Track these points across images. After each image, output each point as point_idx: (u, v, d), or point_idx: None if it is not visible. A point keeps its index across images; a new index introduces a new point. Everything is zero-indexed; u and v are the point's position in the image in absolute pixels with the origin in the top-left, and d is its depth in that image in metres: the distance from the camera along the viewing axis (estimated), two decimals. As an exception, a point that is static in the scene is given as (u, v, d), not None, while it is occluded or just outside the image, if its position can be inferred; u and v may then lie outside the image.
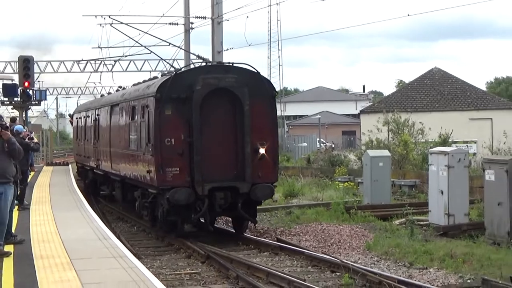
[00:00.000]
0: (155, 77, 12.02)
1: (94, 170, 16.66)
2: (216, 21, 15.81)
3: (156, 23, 18.59)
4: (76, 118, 20.65)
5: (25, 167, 10.39)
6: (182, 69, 9.96)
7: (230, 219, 11.63)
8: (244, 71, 10.26)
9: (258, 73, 10.39)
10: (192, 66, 15.54)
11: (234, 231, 11.02)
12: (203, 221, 10.22)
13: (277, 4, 27.73)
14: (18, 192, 8.62)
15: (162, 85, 9.50)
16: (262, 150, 9.78)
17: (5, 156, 6.21)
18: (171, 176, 9.28)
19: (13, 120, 12.94)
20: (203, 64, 10.17)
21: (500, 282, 6.54)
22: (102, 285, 4.60)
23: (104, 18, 17.32)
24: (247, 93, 9.62)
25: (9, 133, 6.54)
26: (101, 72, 28.16)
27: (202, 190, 9.21)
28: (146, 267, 5.88)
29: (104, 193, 15.94)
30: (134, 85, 14.22)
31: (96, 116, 15.93)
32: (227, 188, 9.57)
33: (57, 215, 10.05)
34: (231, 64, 10.40)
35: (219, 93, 9.63)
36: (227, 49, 16.69)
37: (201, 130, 9.39)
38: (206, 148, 9.48)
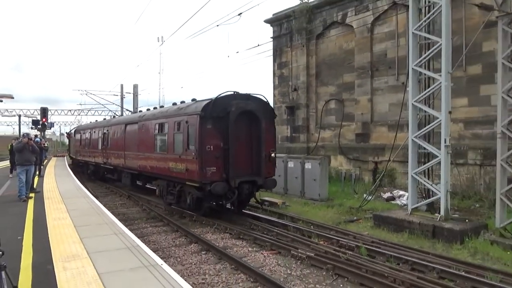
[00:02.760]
0: (194, 100, 14.15)
1: (101, 165, 22.95)
2: (134, 95, 39.11)
3: (107, 94, 44.19)
4: (79, 133, 29.77)
5: (42, 158, 20.32)
6: (220, 96, 12.35)
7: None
8: (259, 99, 13.12)
9: (267, 102, 13.36)
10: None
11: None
12: (230, 207, 13.39)
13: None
14: (38, 169, 17.15)
15: (205, 107, 11.90)
16: (273, 155, 13.18)
17: (30, 152, 12.48)
18: (210, 173, 11.84)
19: (35, 136, 22.46)
20: (231, 93, 12.86)
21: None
22: (78, 210, 10.41)
23: (84, 91, 39.03)
24: (263, 114, 12.69)
25: (32, 141, 12.90)
26: (81, 115, 56.52)
27: (234, 183, 11.98)
28: (101, 203, 11.79)
29: (112, 177, 22.62)
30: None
31: (106, 131, 21.87)
32: (249, 181, 12.48)
33: (57, 179, 18.15)
34: (250, 94, 13.23)
35: (244, 114, 12.37)
36: (141, 107, 36.63)
37: (233, 140, 12.07)
38: (236, 152, 12.10)
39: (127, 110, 36.97)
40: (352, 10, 20.72)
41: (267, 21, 25.73)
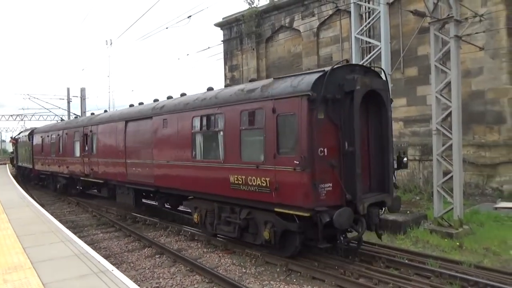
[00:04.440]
0: (253, 80, 10.24)
1: (81, 178, 16.97)
2: (82, 98, 37.26)
3: (51, 98, 42.23)
4: (40, 136, 22.75)
5: None
6: (335, 67, 7.60)
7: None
8: (378, 74, 8.60)
9: (387, 80, 8.71)
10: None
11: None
12: (344, 244, 7.90)
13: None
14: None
15: (317, 82, 7.16)
16: (405, 159, 8.87)
17: None
18: (325, 193, 7.18)
19: None
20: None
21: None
22: (21, 219, 9.87)
23: (27, 95, 37.02)
24: (387, 97, 8.24)
25: None
26: (24, 121, 52.96)
27: (363, 208, 7.44)
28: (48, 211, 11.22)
29: (98, 194, 17.35)
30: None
31: (88, 132, 16.12)
32: (377, 204, 8.10)
33: None
34: (368, 66, 9.22)
35: (368, 96, 7.75)
36: (89, 111, 34.35)
37: (358, 138, 7.47)
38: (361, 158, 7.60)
39: (74, 114, 35.69)
40: (298, 14, 21.41)
41: (217, 25, 25.83)
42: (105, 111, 18.69)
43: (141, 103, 14.20)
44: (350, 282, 7.13)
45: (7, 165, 38.82)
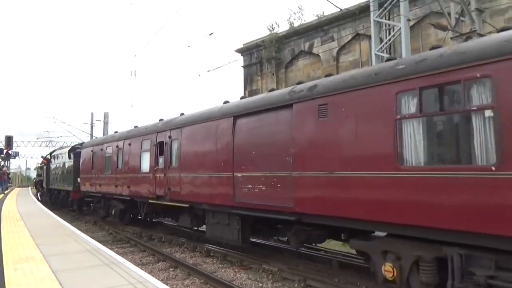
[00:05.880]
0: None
1: (150, 201, 12.39)
2: (105, 122, 38.54)
3: (74, 122, 42.46)
4: (89, 151, 18.02)
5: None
6: None
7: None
8: None
9: None
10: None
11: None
12: None
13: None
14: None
15: None
16: None
17: None
18: None
19: None
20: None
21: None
22: (38, 225, 9.81)
23: (53, 118, 39.70)
24: None
25: None
26: (49, 147, 49.50)
27: None
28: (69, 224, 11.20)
29: (170, 222, 13.24)
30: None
31: (167, 140, 11.56)
32: None
33: (18, 202, 17.16)
34: None
35: None
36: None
37: None
38: None
39: (96, 138, 36.89)
40: (318, 40, 21.69)
41: (238, 51, 26.43)
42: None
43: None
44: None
45: (29, 187, 39.90)
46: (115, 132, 17.60)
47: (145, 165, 12.66)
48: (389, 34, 12.51)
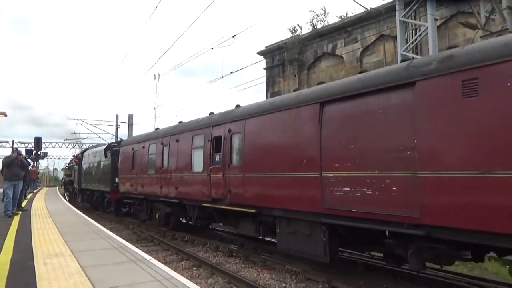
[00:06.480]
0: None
1: (204, 205, 10.76)
2: (129, 124, 37.37)
3: (99, 124, 39.77)
4: (130, 148, 16.57)
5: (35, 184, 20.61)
6: None
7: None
8: None
9: None
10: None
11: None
12: None
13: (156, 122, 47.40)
14: (27, 186, 16.78)
15: None
16: None
17: (19, 167, 11.96)
18: None
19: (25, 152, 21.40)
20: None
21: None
22: (65, 223, 10.07)
23: (80, 120, 37.95)
24: None
25: (21, 157, 12.37)
26: (75, 148, 52.37)
27: None
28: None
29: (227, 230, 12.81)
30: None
31: (225, 134, 9.98)
32: None
33: (46, 201, 17.86)
34: None
35: None
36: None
37: None
38: None
39: (121, 139, 37.32)
40: (341, 41, 21.48)
41: (260, 53, 26.47)
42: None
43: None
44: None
45: (56, 187, 41.01)
46: (156, 128, 16.04)
47: (197, 164, 11.15)
48: (415, 34, 12.24)
